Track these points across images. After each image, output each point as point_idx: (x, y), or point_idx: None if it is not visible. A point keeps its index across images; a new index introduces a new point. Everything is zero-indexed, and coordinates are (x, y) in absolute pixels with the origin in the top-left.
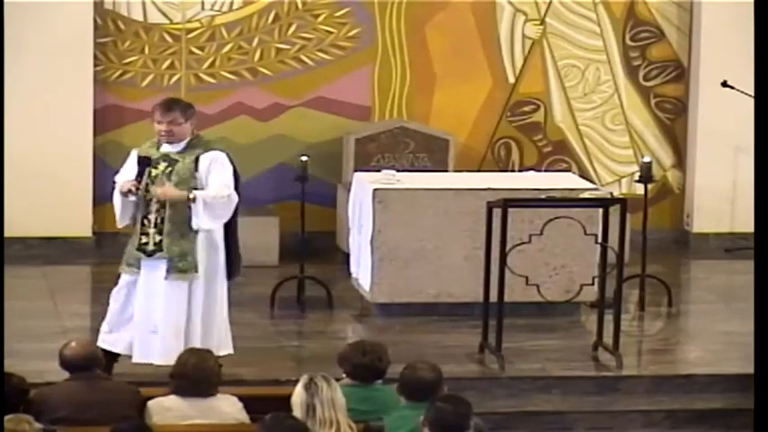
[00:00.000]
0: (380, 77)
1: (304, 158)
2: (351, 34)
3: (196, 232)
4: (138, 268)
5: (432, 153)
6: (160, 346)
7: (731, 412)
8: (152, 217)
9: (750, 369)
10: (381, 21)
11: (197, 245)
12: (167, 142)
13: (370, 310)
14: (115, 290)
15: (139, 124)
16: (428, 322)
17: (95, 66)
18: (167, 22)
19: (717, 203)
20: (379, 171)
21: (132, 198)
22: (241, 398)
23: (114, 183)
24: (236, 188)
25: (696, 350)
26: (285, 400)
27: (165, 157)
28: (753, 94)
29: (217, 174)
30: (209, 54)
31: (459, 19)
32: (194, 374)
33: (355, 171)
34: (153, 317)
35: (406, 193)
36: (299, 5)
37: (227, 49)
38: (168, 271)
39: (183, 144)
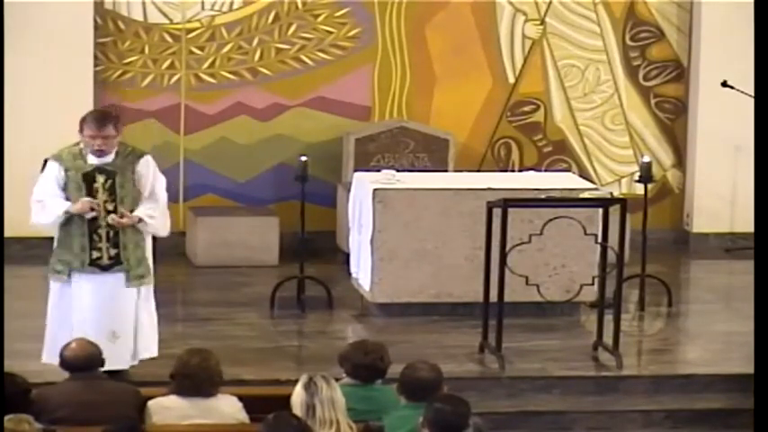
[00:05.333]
0: (380, 77)
1: (304, 158)
2: (351, 34)
3: (145, 239)
4: (69, 276)
5: (432, 153)
6: (126, 351)
7: (731, 412)
8: (102, 232)
9: (750, 369)
10: (381, 21)
11: (147, 249)
12: (99, 156)
13: (370, 310)
14: (56, 300)
15: (139, 124)
16: (428, 322)
17: (95, 66)
18: (167, 22)
19: (717, 203)
20: (379, 171)
21: (91, 215)
22: (241, 398)
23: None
24: None
25: (696, 350)
26: (285, 400)
27: (99, 169)
28: (753, 94)
29: (158, 183)
30: (209, 54)
31: (459, 19)
32: (197, 374)
33: (355, 171)
34: (109, 324)
35: (406, 193)
36: (299, 5)
37: (227, 49)
38: (128, 280)
39: (112, 154)
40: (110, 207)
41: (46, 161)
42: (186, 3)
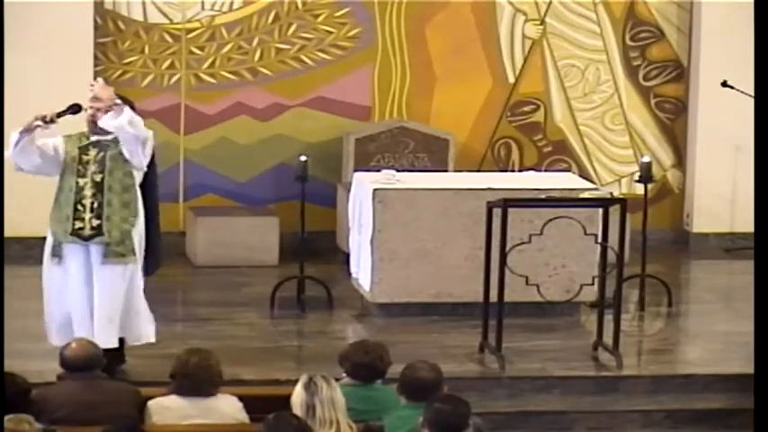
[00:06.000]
0: (380, 77)
1: (303, 158)
2: (351, 34)
3: (135, 217)
4: (61, 256)
5: (432, 153)
6: (95, 330)
7: (731, 412)
8: (87, 202)
9: (750, 369)
10: (381, 21)
11: (134, 230)
12: (93, 121)
13: (370, 310)
14: (56, 285)
15: None
16: (428, 322)
17: (95, 66)
18: (167, 22)
19: (717, 203)
20: (379, 171)
21: (38, 127)
22: (241, 398)
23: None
24: (154, 177)
25: (696, 350)
26: (285, 400)
27: (95, 143)
28: (753, 94)
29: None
30: (210, 54)
31: (459, 19)
32: (196, 373)
33: (355, 171)
34: (89, 302)
35: (406, 193)
36: (299, 5)
37: (227, 49)
38: (105, 255)
39: (112, 135)
40: (97, 179)
41: None
42: (186, 3)
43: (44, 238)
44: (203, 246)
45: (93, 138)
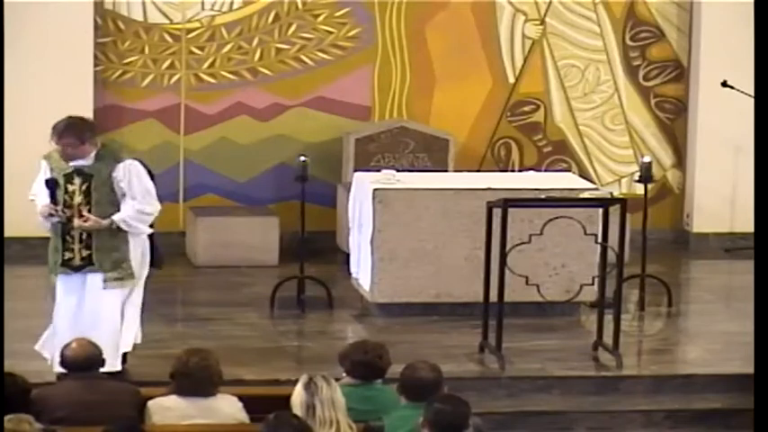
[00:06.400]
0: (380, 77)
1: (303, 158)
2: (351, 34)
3: (126, 244)
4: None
5: (432, 153)
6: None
7: (731, 412)
8: (75, 233)
9: (750, 369)
10: (381, 21)
11: (130, 252)
12: (67, 161)
13: (370, 310)
14: (57, 300)
15: (139, 124)
16: (428, 322)
17: (95, 66)
18: (167, 22)
19: (717, 203)
20: (379, 171)
21: (56, 220)
22: (241, 398)
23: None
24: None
25: (696, 350)
26: (285, 400)
27: (78, 171)
28: (753, 94)
29: (137, 186)
30: (210, 54)
31: (459, 19)
32: (196, 373)
33: (355, 171)
34: (86, 326)
35: (406, 193)
36: (299, 5)
37: (227, 49)
38: (105, 281)
39: (91, 157)
40: (84, 210)
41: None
42: (186, 3)
43: (45, 239)
44: (203, 246)
45: (72, 164)
